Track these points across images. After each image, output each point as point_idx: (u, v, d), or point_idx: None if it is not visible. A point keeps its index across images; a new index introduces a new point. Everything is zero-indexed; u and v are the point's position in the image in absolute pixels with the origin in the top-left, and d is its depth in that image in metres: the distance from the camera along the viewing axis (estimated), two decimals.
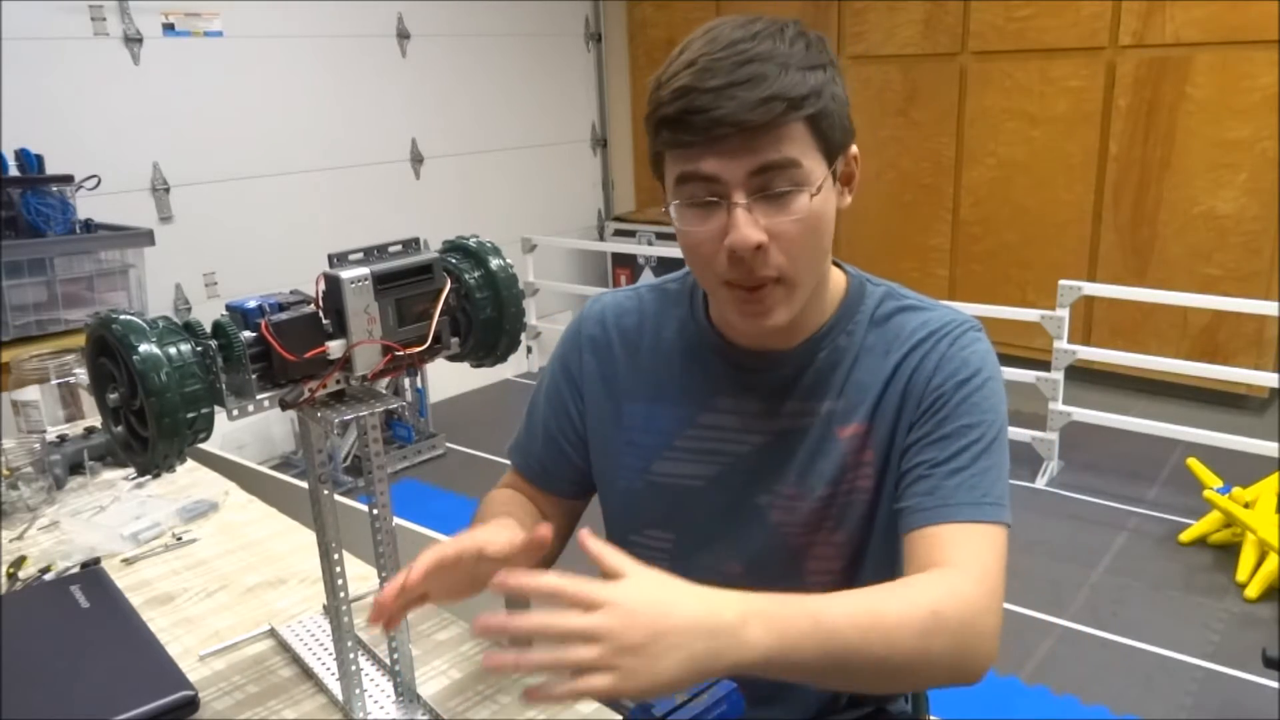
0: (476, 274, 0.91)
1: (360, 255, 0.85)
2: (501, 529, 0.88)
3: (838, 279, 0.98)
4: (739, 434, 0.98)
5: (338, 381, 0.85)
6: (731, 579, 0.99)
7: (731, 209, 0.83)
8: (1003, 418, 0.92)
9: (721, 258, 0.85)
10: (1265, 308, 2.78)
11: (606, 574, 0.71)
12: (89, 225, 2.59)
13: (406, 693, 0.93)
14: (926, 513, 0.87)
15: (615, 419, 1.04)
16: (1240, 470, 2.76)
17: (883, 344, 0.95)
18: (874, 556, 0.99)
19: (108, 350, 0.78)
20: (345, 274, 0.82)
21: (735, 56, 0.81)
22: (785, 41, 0.83)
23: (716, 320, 0.99)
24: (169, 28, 3.27)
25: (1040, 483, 3.09)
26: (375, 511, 0.87)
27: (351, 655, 0.92)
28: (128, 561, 1.25)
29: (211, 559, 1.26)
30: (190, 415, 0.75)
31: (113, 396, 0.78)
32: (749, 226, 0.82)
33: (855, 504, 0.96)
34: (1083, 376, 3.45)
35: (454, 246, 0.94)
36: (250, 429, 3.46)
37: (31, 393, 1.70)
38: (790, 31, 0.84)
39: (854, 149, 0.91)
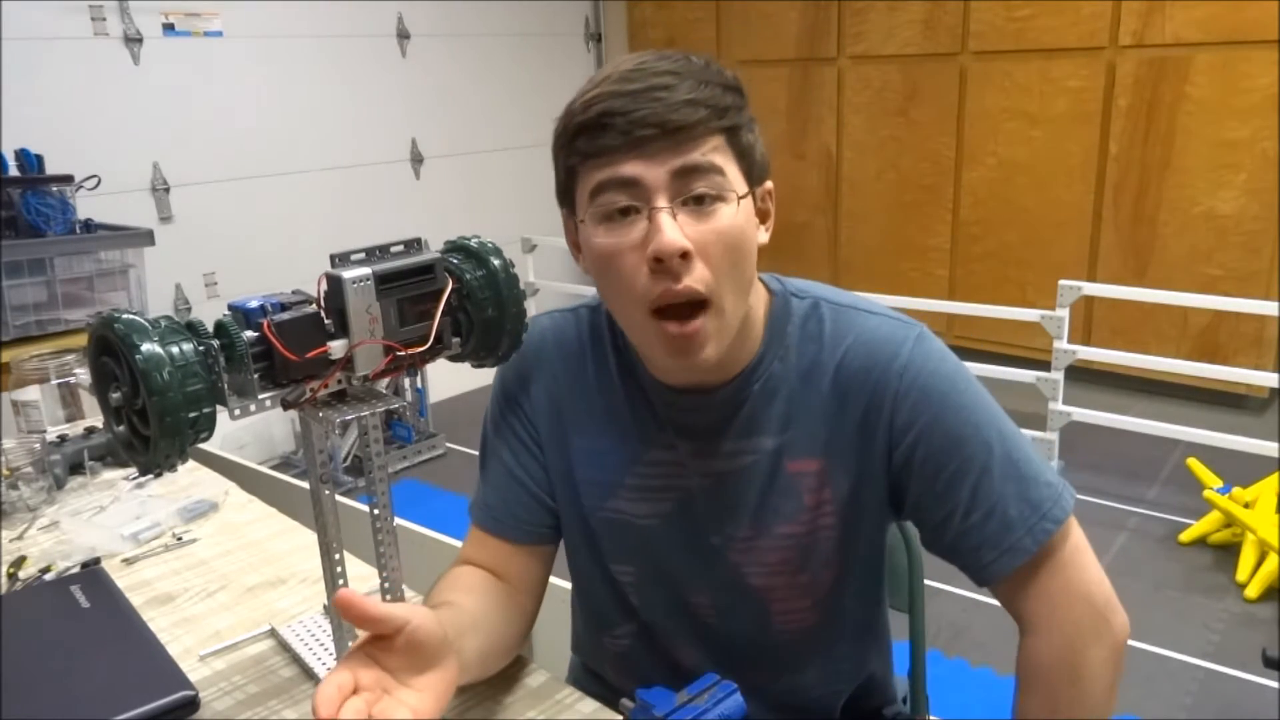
0: (478, 274, 0.91)
1: (362, 255, 0.85)
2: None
3: (761, 301, 0.92)
4: (683, 471, 0.94)
5: (339, 381, 0.85)
6: (701, 610, 0.98)
7: (654, 214, 0.79)
8: (990, 409, 0.87)
9: (643, 271, 0.80)
10: (1265, 308, 2.78)
11: None
12: (89, 225, 2.59)
13: None
14: (995, 565, 0.85)
15: (566, 452, 0.99)
16: (1240, 470, 2.76)
17: (819, 368, 0.90)
18: (855, 588, 0.98)
19: (110, 349, 0.78)
20: (347, 274, 0.82)
21: (653, 68, 0.81)
22: (699, 64, 0.83)
23: (643, 358, 0.94)
24: (169, 28, 3.27)
25: None
26: (376, 511, 0.87)
27: None
28: (128, 561, 1.25)
29: (211, 559, 1.26)
30: (192, 415, 0.75)
31: (115, 396, 0.78)
32: (673, 230, 0.78)
33: (821, 541, 0.93)
34: (1083, 376, 3.45)
35: (455, 247, 0.94)
36: (250, 429, 3.46)
37: (31, 393, 1.70)
38: (703, 59, 0.84)
39: (769, 185, 0.88)
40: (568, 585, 1.41)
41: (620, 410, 0.97)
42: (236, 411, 0.81)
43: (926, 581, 1.19)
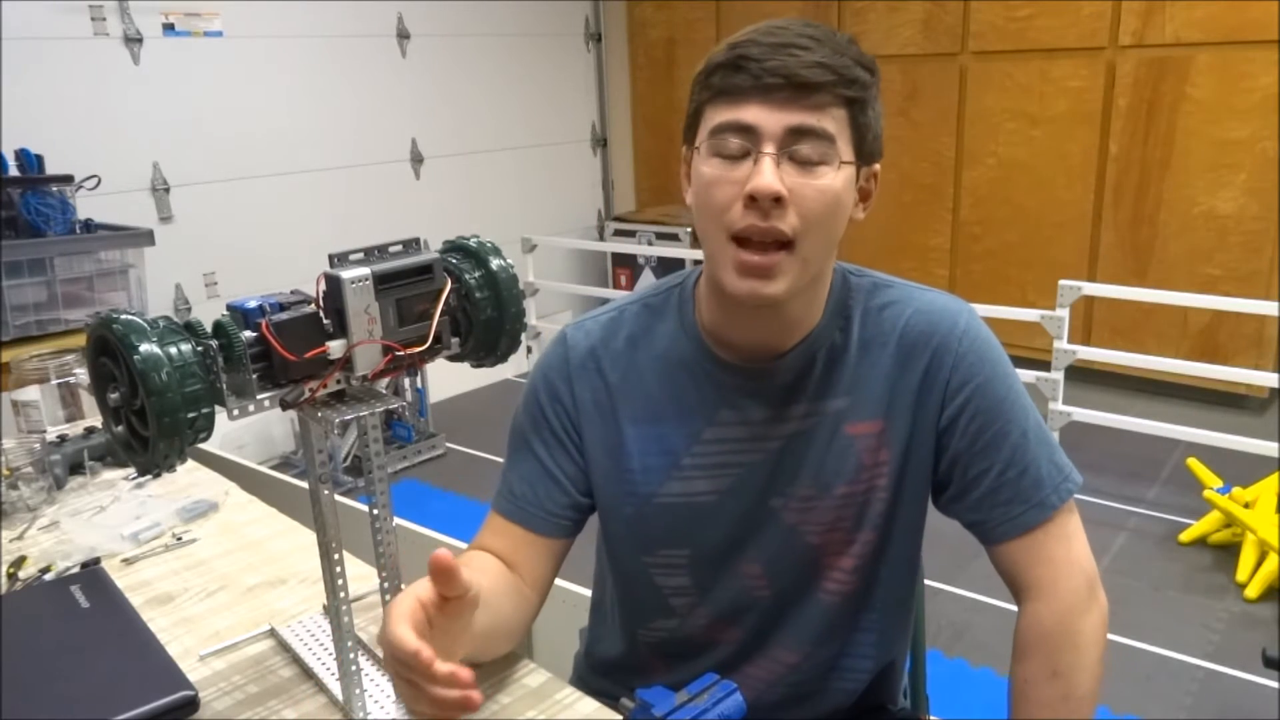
0: (477, 274, 0.91)
1: (361, 255, 0.85)
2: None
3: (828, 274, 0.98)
4: (748, 443, 0.97)
5: (338, 381, 0.85)
6: (751, 579, 1.00)
7: (759, 158, 0.84)
8: (1020, 382, 0.96)
9: (737, 206, 0.85)
10: (1265, 308, 2.78)
11: None
12: (89, 225, 2.59)
13: None
14: (1022, 518, 0.92)
15: (617, 445, 1.00)
16: (1240, 470, 2.76)
17: (880, 336, 0.96)
18: (893, 556, 0.99)
19: (109, 350, 0.78)
20: (346, 274, 0.82)
21: (797, 30, 0.86)
22: (842, 39, 0.88)
23: (709, 331, 0.97)
24: (169, 28, 3.27)
25: None
26: (375, 511, 0.87)
27: (351, 655, 0.92)
28: (128, 561, 1.25)
29: (211, 559, 1.26)
30: (191, 415, 0.75)
31: (113, 396, 0.78)
32: (773, 175, 0.83)
33: (874, 502, 0.96)
34: (1083, 376, 3.45)
35: (454, 246, 0.94)
36: (250, 429, 3.46)
37: (31, 393, 1.70)
38: (845, 36, 0.89)
39: (877, 167, 0.93)
40: (572, 588, 1.42)
41: (679, 393, 0.99)
42: (235, 412, 0.81)
43: (926, 581, 1.19)
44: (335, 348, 0.83)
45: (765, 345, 0.95)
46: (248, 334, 0.80)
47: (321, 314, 0.83)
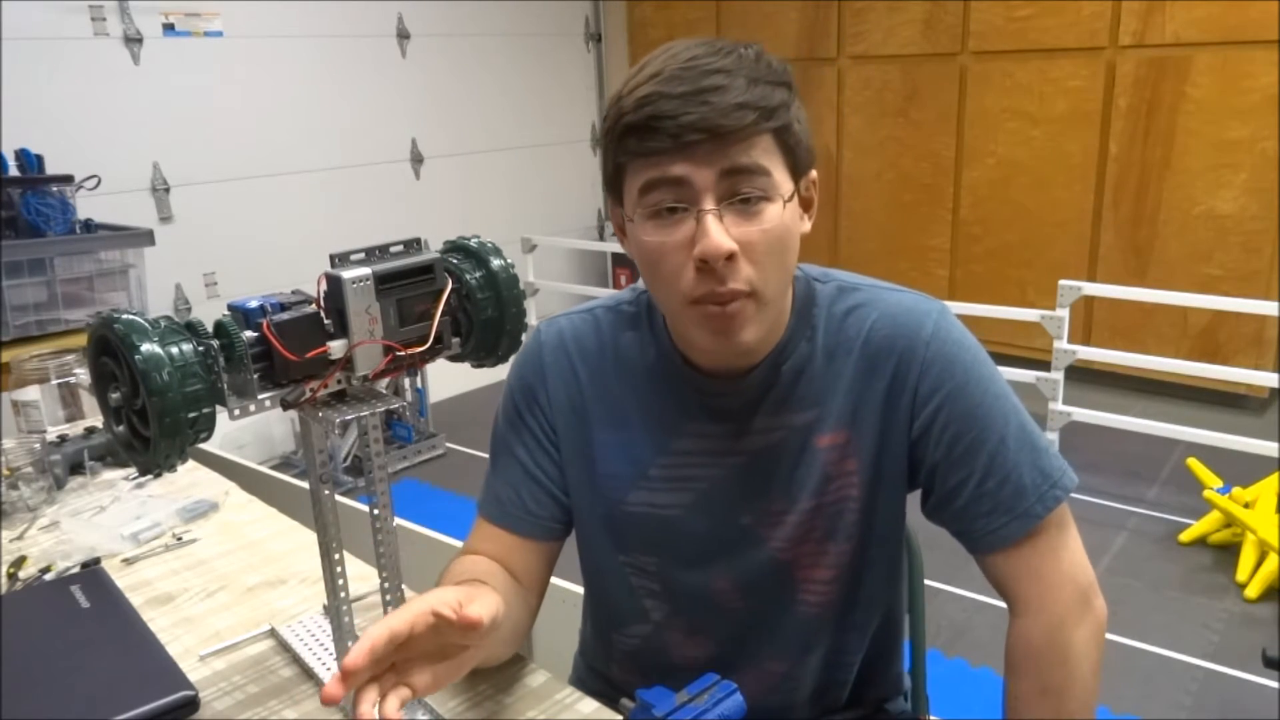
0: (478, 274, 0.91)
1: (362, 255, 0.85)
2: (451, 590, 0.75)
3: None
4: (714, 457, 0.95)
5: (339, 381, 0.85)
6: (723, 595, 0.99)
7: (701, 216, 0.80)
8: (1004, 383, 0.92)
9: (689, 271, 0.82)
10: (1265, 308, 2.78)
11: None
12: (89, 225, 2.59)
13: None
14: (1005, 530, 0.89)
15: (586, 449, 0.99)
16: (1240, 470, 2.76)
17: (844, 344, 0.93)
18: (873, 562, 0.98)
19: (110, 350, 0.78)
20: (347, 274, 0.82)
21: (702, 67, 0.80)
22: (750, 58, 0.82)
23: (679, 344, 0.95)
24: (169, 28, 3.28)
25: None
26: (376, 511, 0.87)
27: None
28: (128, 561, 1.25)
29: (211, 559, 1.26)
30: (192, 415, 0.75)
31: (114, 396, 0.78)
32: (720, 233, 0.80)
33: (844, 513, 0.94)
34: (1083, 376, 3.45)
35: (455, 247, 0.94)
36: (250, 429, 3.46)
37: (31, 393, 1.70)
38: (753, 50, 0.84)
39: (813, 173, 0.89)
40: (571, 588, 1.42)
41: (647, 403, 0.97)
42: (236, 411, 0.81)
43: (926, 581, 1.19)
44: (336, 348, 0.83)
45: (730, 365, 0.93)
46: (249, 334, 0.80)
47: (322, 314, 0.83)
